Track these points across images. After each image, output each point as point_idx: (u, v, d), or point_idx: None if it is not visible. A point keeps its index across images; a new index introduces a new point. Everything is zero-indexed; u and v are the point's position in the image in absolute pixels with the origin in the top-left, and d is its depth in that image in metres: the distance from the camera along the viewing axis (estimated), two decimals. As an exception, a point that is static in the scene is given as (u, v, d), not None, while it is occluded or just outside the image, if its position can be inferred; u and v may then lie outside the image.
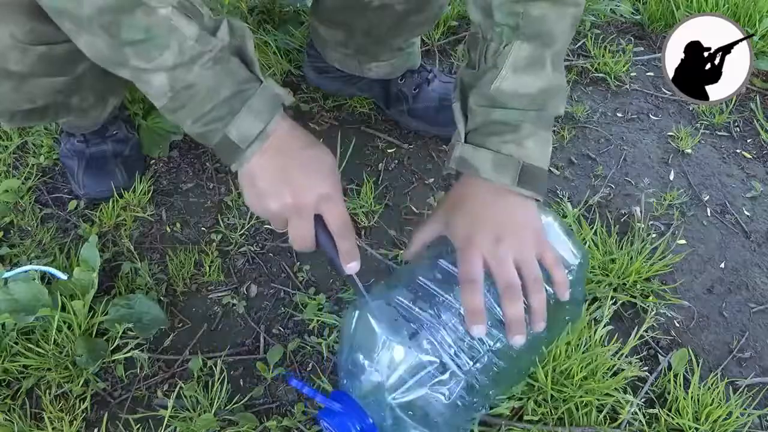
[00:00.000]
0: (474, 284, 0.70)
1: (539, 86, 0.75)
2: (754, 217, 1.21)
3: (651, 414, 0.93)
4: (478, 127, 0.76)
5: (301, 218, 0.71)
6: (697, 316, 1.06)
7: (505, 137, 0.74)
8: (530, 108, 0.75)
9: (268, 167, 0.70)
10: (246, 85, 0.69)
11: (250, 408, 0.92)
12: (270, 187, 0.70)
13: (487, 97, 0.75)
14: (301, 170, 0.70)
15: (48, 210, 1.15)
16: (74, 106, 1.00)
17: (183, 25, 0.65)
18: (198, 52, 0.66)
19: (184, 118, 0.70)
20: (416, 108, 1.24)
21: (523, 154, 0.74)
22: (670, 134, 1.34)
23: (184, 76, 0.67)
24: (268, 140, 0.69)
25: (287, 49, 1.39)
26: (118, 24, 0.63)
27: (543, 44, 0.74)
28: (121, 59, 0.66)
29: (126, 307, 0.98)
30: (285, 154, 0.70)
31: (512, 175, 0.73)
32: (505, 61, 0.74)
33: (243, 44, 0.71)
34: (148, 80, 0.67)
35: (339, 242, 0.72)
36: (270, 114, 0.69)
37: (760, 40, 1.45)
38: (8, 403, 0.91)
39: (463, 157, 0.76)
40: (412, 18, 1.06)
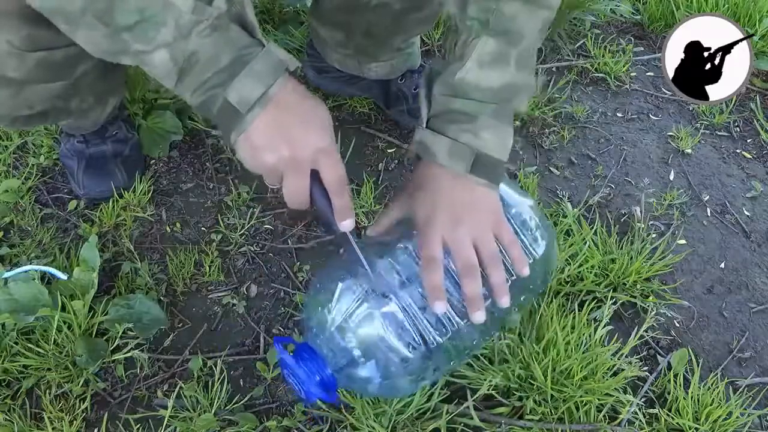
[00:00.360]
0: (434, 263, 0.73)
1: (502, 82, 0.77)
2: (754, 217, 1.21)
3: (651, 414, 0.93)
4: (439, 114, 0.79)
5: (296, 172, 0.70)
6: (697, 316, 1.06)
7: (463, 126, 0.77)
8: (490, 101, 0.77)
9: (266, 122, 0.68)
10: (247, 50, 0.68)
11: (250, 408, 0.92)
12: (266, 141, 0.69)
13: (450, 87, 0.77)
14: (298, 124, 0.69)
15: (48, 210, 1.15)
16: (74, 108, 1.00)
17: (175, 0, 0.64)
18: (194, 21, 0.65)
19: (186, 89, 0.68)
20: (416, 108, 1.23)
21: (479, 144, 0.77)
22: (670, 134, 1.34)
23: (183, 47, 0.65)
24: (270, 104, 0.68)
25: (287, 49, 1.39)
26: (111, 10, 0.63)
27: (509, 42, 0.76)
28: (122, 46, 0.65)
29: (126, 307, 0.98)
30: (282, 110, 0.69)
31: (466, 164, 0.76)
32: (471, 54, 0.76)
33: (242, 10, 0.70)
34: (151, 61, 0.66)
35: (334, 199, 0.72)
36: (273, 77, 0.68)
37: (760, 40, 1.45)
38: (8, 403, 0.91)
39: (423, 141, 0.79)
40: (411, 16, 1.06)
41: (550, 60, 1.47)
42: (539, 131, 1.32)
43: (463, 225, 0.75)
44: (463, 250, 0.74)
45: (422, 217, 0.77)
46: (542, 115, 1.34)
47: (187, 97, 0.70)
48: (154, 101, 1.26)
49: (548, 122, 1.34)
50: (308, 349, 0.79)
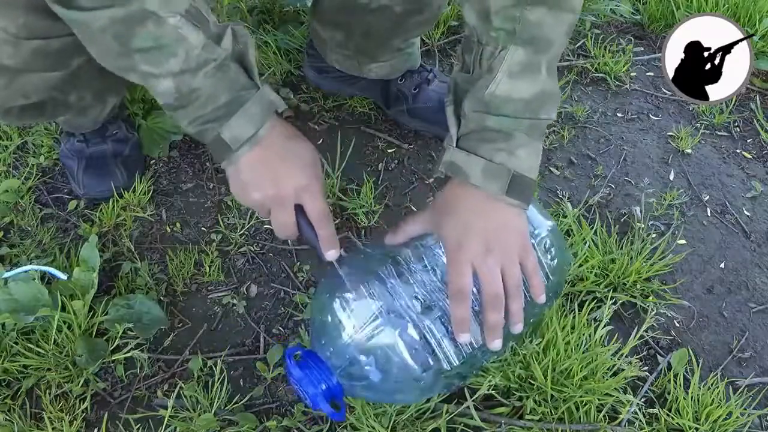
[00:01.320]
0: (463, 295, 0.74)
1: (533, 91, 0.75)
2: (754, 217, 1.21)
3: (651, 414, 0.93)
4: (471, 132, 0.76)
5: (281, 207, 0.76)
6: (697, 316, 1.06)
7: (498, 145, 0.75)
8: (523, 116, 0.75)
9: (253, 161, 0.74)
10: (244, 91, 0.73)
11: (250, 408, 0.92)
12: (252, 178, 0.75)
13: (482, 102, 0.75)
14: (281, 163, 0.75)
15: (48, 210, 1.15)
16: (72, 104, 1.00)
17: (190, 34, 0.69)
18: (203, 60, 0.70)
19: (183, 117, 0.74)
20: (416, 108, 1.24)
21: (514, 163, 0.75)
22: (670, 134, 1.34)
23: (189, 81, 0.70)
24: (258, 143, 0.74)
25: (287, 49, 1.39)
26: (129, 35, 0.67)
27: (538, 49, 0.74)
28: (131, 65, 0.70)
29: (126, 307, 0.98)
30: (268, 149, 0.75)
31: (502, 184, 0.74)
32: (500, 66, 0.74)
33: (245, 51, 0.75)
34: (155, 85, 0.71)
35: (318, 231, 0.77)
36: (262, 119, 0.73)
37: (760, 40, 1.45)
38: (8, 403, 0.91)
39: (455, 162, 0.76)
40: (411, 19, 1.06)
41: (550, 60, 1.47)
42: (539, 131, 1.32)
43: (493, 253, 0.74)
44: (492, 281, 0.74)
45: (452, 242, 0.75)
46: (542, 115, 1.34)
47: (182, 125, 0.75)
48: (154, 101, 1.26)
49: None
50: (315, 358, 0.79)
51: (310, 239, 0.78)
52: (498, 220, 0.76)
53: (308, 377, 0.77)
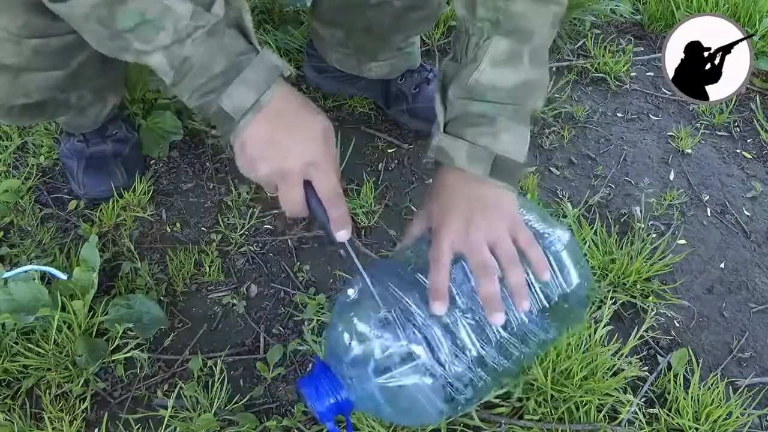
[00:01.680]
0: (439, 263, 0.72)
1: (516, 80, 0.76)
2: (754, 217, 1.21)
3: (651, 414, 0.93)
4: (456, 118, 0.78)
5: (288, 183, 0.71)
6: (697, 316, 1.06)
7: (482, 129, 0.76)
8: (507, 102, 0.76)
9: (258, 133, 0.70)
10: (241, 57, 0.69)
11: (250, 408, 0.92)
12: (258, 152, 0.70)
13: (466, 89, 0.77)
14: (289, 135, 0.70)
15: (48, 210, 1.15)
16: (72, 103, 1.00)
17: (176, 5, 0.66)
18: (192, 28, 0.67)
19: (183, 91, 0.70)
20: (416, 107, 1.24)
21: (498, 147, 0.75)
22: (670, 134, 1.34)
23: (178, 52, 0.67)
24: (262, 110, 0.69)
25: (287, 49, 1.39)
26: (112, 16, 0.65)
27: (521, 40, 0.76)
28: (123, 44, 0.68)
29: (126, 307, 0.98)
30: (276, 119, 0.70)
31: (485, 167, 0.75)
32: (484, 55, 0.76)
33: (239, 15, 0.71)
34: (148, 61, 0.68)
35: (329, 210, 0.72)
36: (266, 84, 0.69)
37: (760, 40, 1.45)
38: (8, 403, 0.91)
39: (441, 146, 0.77)
40: (411, 15, 1.06)
41: (550, 60, 1.46)
42: (539, 131, 1.32)
43: (476, 227, 0.73)
44: (476, 252, 0.72)
45: (435, 223, 0.75)
46: (542, 115, 1.34)
47: (184, 99, 0.71)
48: (154, 101, 1.26)
49: (548, 122, 1.34)
50: (326, 370, 0.76)
51: (320, 219, 0.73)
52: (482, 200, 0.75)
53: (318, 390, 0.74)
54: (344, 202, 0.73)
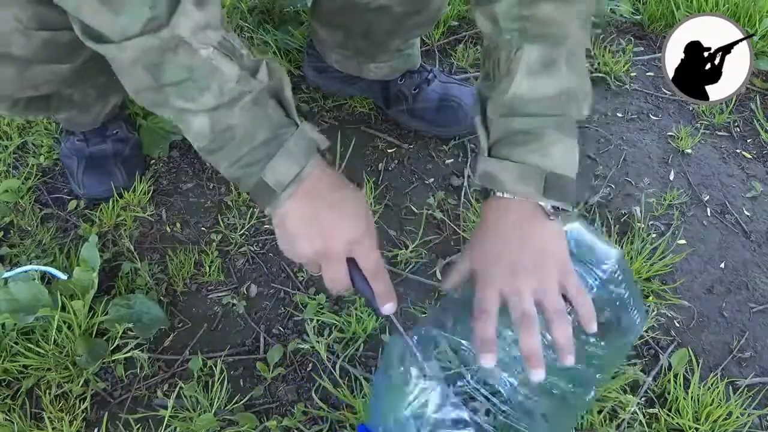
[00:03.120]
0: (486, 314, 0.69)
1: (556, 87, 0.73)
2: (754, 217, 1.21)
3: (651, 414, 0.93)
4: (501, 138, 0.75)
5: (332, 262, 0.71)
6: (697, 316, 1.06)
7: (530, 147, 0.72)
8: (550, 113, 0.73)
9: (299, 211, 0.69)
10: (283, 129, 0.69)
11: (250, 408, 0.92)
12: (300, 231, 0.70)
13: (505, 106, 0.74)
14: (330, 214, 0.70)
15: (48, 210, 1.15)
16: (76, 100, 1.00)
17: (224, 66, 0.65)
18: (238, 93, 0.66)
19: (221, 160, 0.70)
20: (416, 108, 1.24)
21: (548, 163, 0.72)
22: (670, 134, 1.34)
23: (224, 117, 0.66)
24: (302, 184, 0.69)
25: (287, 49, 1.39)
26: (161, 65, 0.64)
27: (553, 44, 0.73)
28: (164, 99, 0.67)
29: (126, 307, 0.98)
30: (316, 198, 0.69)
31: (537, 186, 0.71)
32: (518, 66, 0.73)
33: (280, 87, 0.71)
34: (189, 121, 0.67)
35: (373, 285, 0.72)
36: (306, 158, 0.69)
37: (760, 40, 1.45)
38: (8, 403, 0.91)
39: (488, 171, 0.74)
40: (410, 19, 1.06)
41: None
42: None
43: (522, 276, 0.69)
44: (520, 301, 0.68)
45: (479, 272, 0.72)
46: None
47: (220, 168, 0.71)
48: (154, 101, 1.26)
49: (548, 122, 1.34)
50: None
51: (365, 293, 0.73)
52: (532, 245, 0.71)
53: None
54: (387, 275, 0.73)
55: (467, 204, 1.16)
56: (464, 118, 1.24)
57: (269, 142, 0.68)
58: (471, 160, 1.23)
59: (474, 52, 1.43)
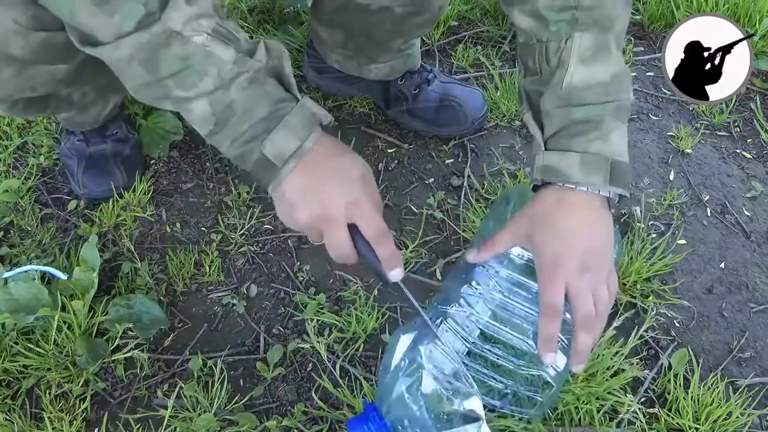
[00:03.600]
0: (555, 312, 0.71)
1: (610, 72, 0.73)
2: (754, 217, 1.21)
3: (651, 414, 0.93)
4: (560, 130, 0.74)
5: (333, 227, 0.70)
6: (697, 316, 1.06)
7: (590, 135, 0.72)
8: (606, 99, 0.73)
9: (299, 180, 0.69)
10: (282, 104, 0.69)
11: (250, 408, 0.92)
12: (297, 198, 0.70)
13: (562, 97, 0.74)
14: (327, 179, 0.70)
15: (48, 210, 1.15)
16: (75, 100, 1.00)
17: (219, 51, 0.66)
18: (236, 73, 0.67)
19: (223, 140, 0.70)
20: (416, 108, 1.24)
21: (610, 150, 0.72)
22: (670, 134, 1.34)
23: (222, 97, 0.67)
24: (303, 158, 0.69)
25: (287, 49, 1.39)
26: (156, 59, 0.65)
27: (603, 29, 0.73)
28: (164, 92, 0.67)
29: (126, 307, 0.98)
30: (315, 166, 0.70)
31: (603, 175, 0.72)
32: (570, 56, 0.73)
33: (279, 65, 0.71)
34: (191, 108, 0.68)
35: (377, 249, 0.71)
36: (307, 131, 0.69)
37: (760, 40, 1.45)
38: (8, 403, 0.91)
39: (548, 165, 0.74)
40: (411, 20, 1.06)
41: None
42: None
43: (588, 274, 0.71)
44: (587, 302, 0.71)
45: (549, 257, 0.72)
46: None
47: (223, 148, 0.70)
48: (154, 101, 1.26)
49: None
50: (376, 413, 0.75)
51: (370, 260, 0.71)
52: (597, 239, 0.73)
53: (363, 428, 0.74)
54: (392, 240, 0.72)
55: (467, 204, 1.16)
56: (464, 118, 1.24)
57: (269, 117, 0.68)
58: (471, 160, 1.23)
59: (474, 52, 1.43)
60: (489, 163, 1.23)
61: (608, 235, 0.74)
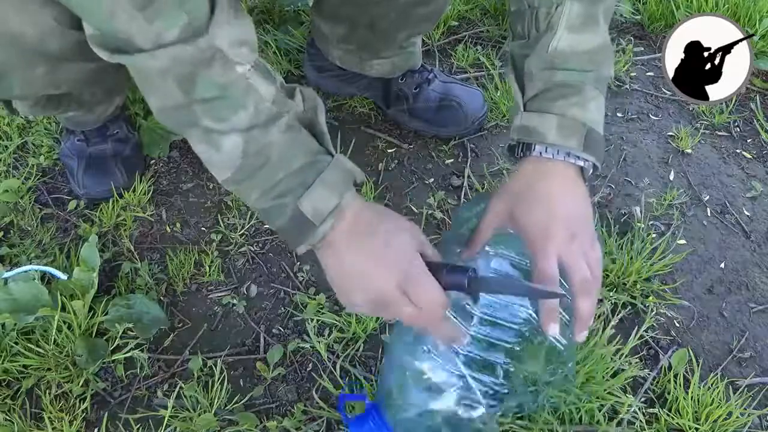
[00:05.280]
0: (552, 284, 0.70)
1: (596, 43, 0.74)
2: (754, 217, 1.21)
3: (651, 414, 0.93)
4: (540, 92, 0.75)
5: (394, 307, 0.67)
6: (697, 316, 1.06)
7: (570, 100, 0.73)
8: (589, 68, 0.74)
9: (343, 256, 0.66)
10: (320, 156, 0.65)
11: (250, 408, 0.92)
12: (349, 285, 0.67)
13: (546, 60, 0.74)
14: (375, 257, 0.66)
15: (48, 210, 1.15)
16: (85, 99, 1.01)
17: (260, 85, 0.62)
18: (275, 113, 0.63)
19: (251, 189, 0.66)
20: (416, 108, 1.24)
21: (588, 117, 0.73)
22: (670, 134, 1.34)
23: (259, 138, 0.63)
24: (343, 218, 0.65)
25: (287, 49, 1.39)
26: (193, 78, 0.60)
27: (593, 1, 0.74)
28: (192, 118, 0.63)
29: (126, 307, 0.98)
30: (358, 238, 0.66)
31: (578, 139, 0.72)
32: (559, 21, 0.74)
33: (314, 116, 0.68)
34: (219, 143, 0.63)
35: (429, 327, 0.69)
36: (345, 187, 0.66)
37: (760, 40, 1.45)
38: (8, 403, 0.91)
39: (526, 125, 0.74)
40: (416, 11, 1.06)
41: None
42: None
43: (576, 240, 0.71)
44: (582, 267, 0.70)
45: (537, 231, 0.72)
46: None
47: (250, 200, 0.66)
48: (154, 101, 1.26)
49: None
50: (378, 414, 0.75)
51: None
52: (578, 206, 0.73)
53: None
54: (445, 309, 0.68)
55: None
56: (464, 118, 1.24)
57: (305, 169, 0.64)
58: (471, 160, 1.23)
59: (474, 52, 1.43)
60: (489, 163, 1.23)
61: (587, 202, 0.74)
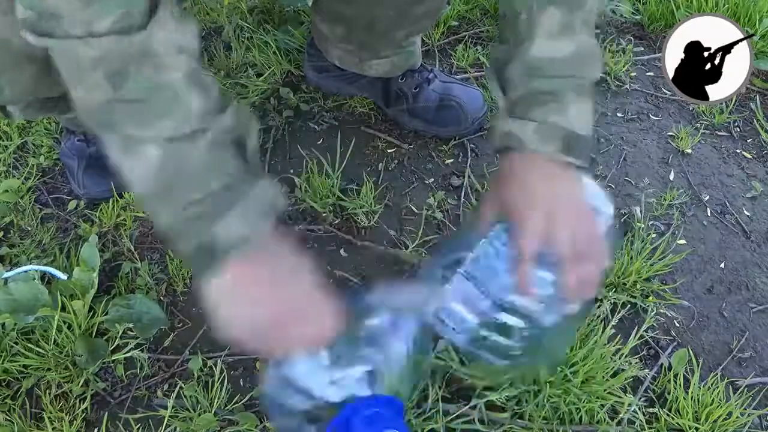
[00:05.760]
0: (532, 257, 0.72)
1: (571, 49, 0.76)
2: (754, 217, 1.21)
3: (651, 413, 0.93)
4: (520, 99, 0.77)
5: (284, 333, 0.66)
6: (697, 316, 1.06)
7: (549, 106, 0.75)
8: (568, 74, 0.76)
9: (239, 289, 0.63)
10: (244, 180, 0.62)
11: (250, 408, 0.92)
12: (243, 334, 0.65)
13: (525, 66, 0.76)
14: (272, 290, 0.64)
15: (48, 210, 1.15)
16: None
17: (189, 96, 0.59)
18: (201, 129, 0.60)
19: (164, 207, 0.62)
20: (416, 107, 1.24)
21: (567, 122, 0.75)
22: (670, 134, 1.34)
23: (180, 151, 0.59)
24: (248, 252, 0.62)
25: (287, 49, 1.39)
26: (125, 73, 0.57)
27: (572, 8, 0.76)
28: (112, 120, 0.60)
29: (126, 307, 0.98)
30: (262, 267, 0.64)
31: (557, 144, 0.74)
32: (538, 29, 0.75)
33: (246, 134, 0.65)
34: (137, 152, 0.60)
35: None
36: (260, 219, 0.63)
37: (760, 40, 1.45)
38: (8, 403, 0.91)
39: (508, 131, 0.76)
40: (414, 9, 1.06)
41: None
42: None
43: (558, 217, 0.72)
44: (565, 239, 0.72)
45: (518, 214, 0.74)
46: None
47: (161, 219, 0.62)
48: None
49: (548, 122, 1.34)
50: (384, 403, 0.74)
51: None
52: (561, 188, 0.75)
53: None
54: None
55: (467, 204, 1.16)
56: (464, 118, 1.24)
57: (226, 192, 0.61)
58: (471, 160, 1.23)
59: (474, 52, 1.43)
60: (489, 163, 1.23)
61: (570, 183, 0.76)
